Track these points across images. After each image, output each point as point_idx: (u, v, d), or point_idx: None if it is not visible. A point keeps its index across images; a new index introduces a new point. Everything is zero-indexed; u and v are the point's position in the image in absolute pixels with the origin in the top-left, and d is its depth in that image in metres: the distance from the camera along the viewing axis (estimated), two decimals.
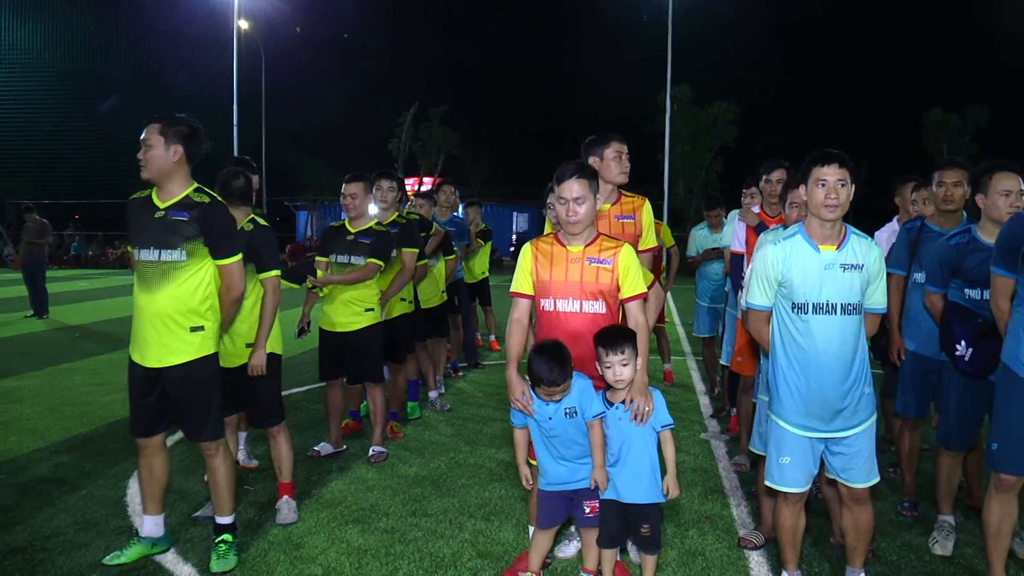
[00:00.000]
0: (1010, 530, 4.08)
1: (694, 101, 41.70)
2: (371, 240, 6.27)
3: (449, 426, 7.47)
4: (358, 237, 6.29)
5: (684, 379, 9.85)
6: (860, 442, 3.86)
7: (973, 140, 43.50)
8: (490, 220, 15.96)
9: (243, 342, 5.00)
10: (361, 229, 6.33)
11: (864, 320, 3.89)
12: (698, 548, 4.70)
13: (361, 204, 6.34)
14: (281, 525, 4.98)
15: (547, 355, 3.78)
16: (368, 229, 6.33)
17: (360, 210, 6.34)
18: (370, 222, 6.40)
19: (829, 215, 3.72)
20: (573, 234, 4.04)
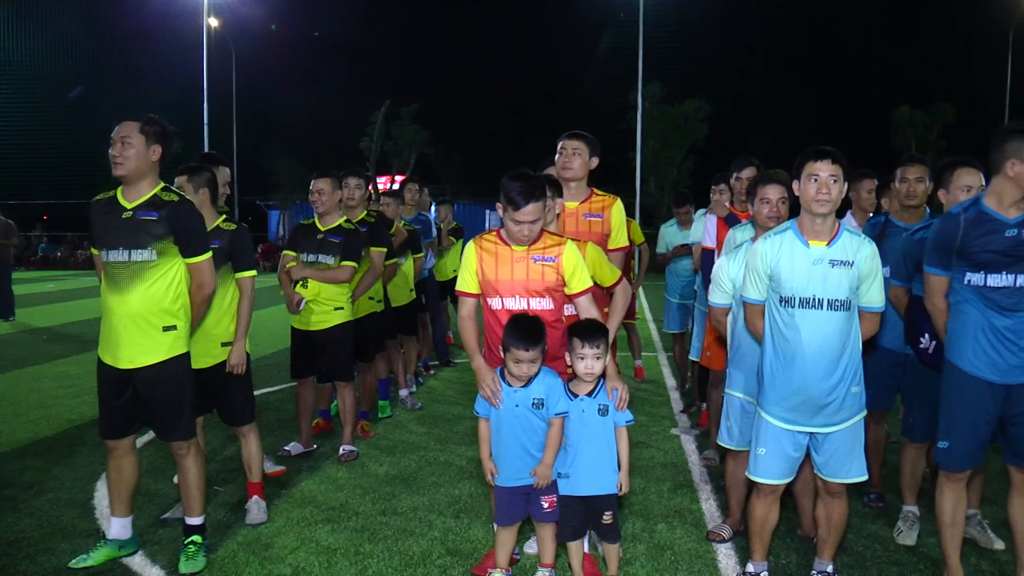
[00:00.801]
0: (963, 519, 4.16)
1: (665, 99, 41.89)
2: (341, 239, 6.26)
3: (420, 424, 7.47)
4: (328, 235, 6.27)
5: (655, 375, 9.91)
6: (842, 439, 3.91)
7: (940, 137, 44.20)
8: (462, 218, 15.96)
9: (218, 341, 4.97)
10: (331, 227, 6.31)
11: (861, 320, 3.93)
12: (667, 542, 4.74)
13: (329, 200, 6.31)
14: (251, 525, 4.96)
15: (524, 319, 3.89)
16: (338, 227, 6.32)
17: (329, 206, 6.31)
18: (339, 219, 6.37)
19: (820, 209, 3.76)
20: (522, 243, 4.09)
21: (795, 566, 4.42)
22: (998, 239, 3.87)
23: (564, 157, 4.91)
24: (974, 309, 3.95)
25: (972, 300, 3.95)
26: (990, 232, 3.89)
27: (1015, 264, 3.87)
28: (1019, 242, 3.85)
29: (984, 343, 3.91)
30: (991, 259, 3.88)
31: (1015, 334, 3.88)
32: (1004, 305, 3.89)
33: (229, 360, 4.95)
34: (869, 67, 52.46)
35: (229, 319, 5.00)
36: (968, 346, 3.96)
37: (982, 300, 3.92)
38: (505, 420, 3.97)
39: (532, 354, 3.83)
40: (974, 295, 3.95)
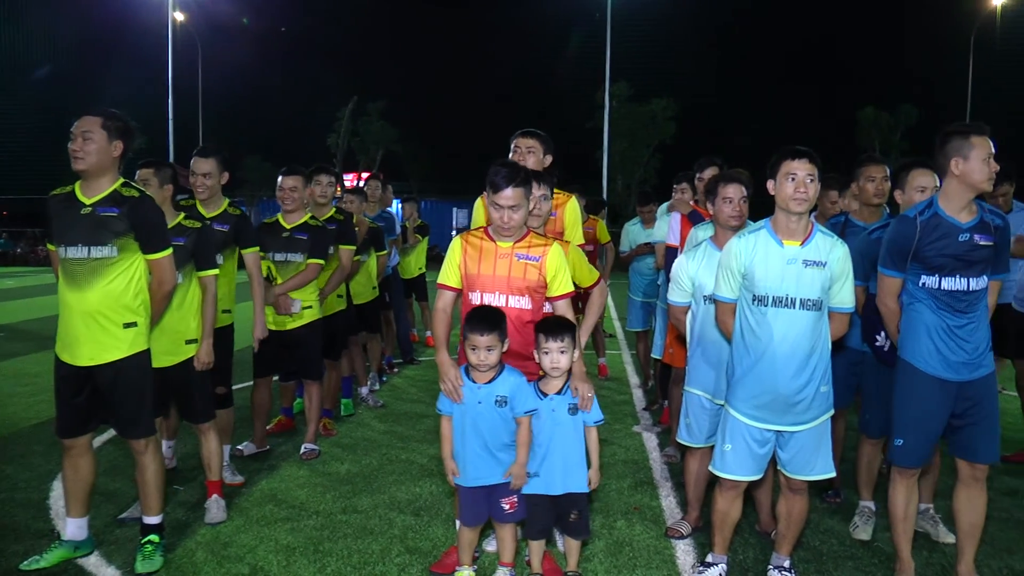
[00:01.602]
0: (915, 514, 4.24)
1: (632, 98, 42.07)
2: (308, 236, 6.23)
3: (382, 422, 7.45)
4: (294, 233, 6.23)
5: (618, 373, 9.96)
6: (809, 437, 3.96)
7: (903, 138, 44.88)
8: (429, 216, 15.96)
9: (183, 339, 4.92)
10: (296, 224, 6.27)
11: (831, 320, 3.97)
12: (626, 538, 4.77)
13: (300, 198, 6.28)
14: (210, 524, 4.92)
15: (484, 308, 3.94)
16: (304, 224, 6.28)
17: (297, 204, 6.27)
18: (304, 216, 6.33)
19: (797, 208, 3.81)
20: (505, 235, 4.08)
21: (752, 561, 4.47)
22: (952, 243, 3.93)
23: (518, 155, 4.94)
24: (928, 310, 4.01)
25: (926, 301, 4.02)
26: (944, 236, 3.95)
27: (968, 268, 3.93)
28: (972, 247, 3.92)
29: (937, 341, 3.98)
30: (945, 263, 3.94)
31: (967, 332, 3.96)
32: (957, 307, 3.96)
33: (198, 357, 4.91)
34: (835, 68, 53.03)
35: (194, 317, 4.96)
36: (922, 344, 4.03)
37: (936, 302, 3.99)
38: (468, 418, 3.97)
39: (487, 339, 3.83)
40: (928, 296, 4.01)
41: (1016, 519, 5.17)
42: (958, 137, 3.96)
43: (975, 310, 3.97)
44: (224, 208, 5.76)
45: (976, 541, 4.17)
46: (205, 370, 4.97)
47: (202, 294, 5.00)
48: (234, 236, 5.67)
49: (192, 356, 4.92)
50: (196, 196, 5.72)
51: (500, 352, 3.92)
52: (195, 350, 4.93)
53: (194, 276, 4.98)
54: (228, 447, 5.78)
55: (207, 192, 5.67)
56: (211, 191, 5.69)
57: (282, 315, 6.18)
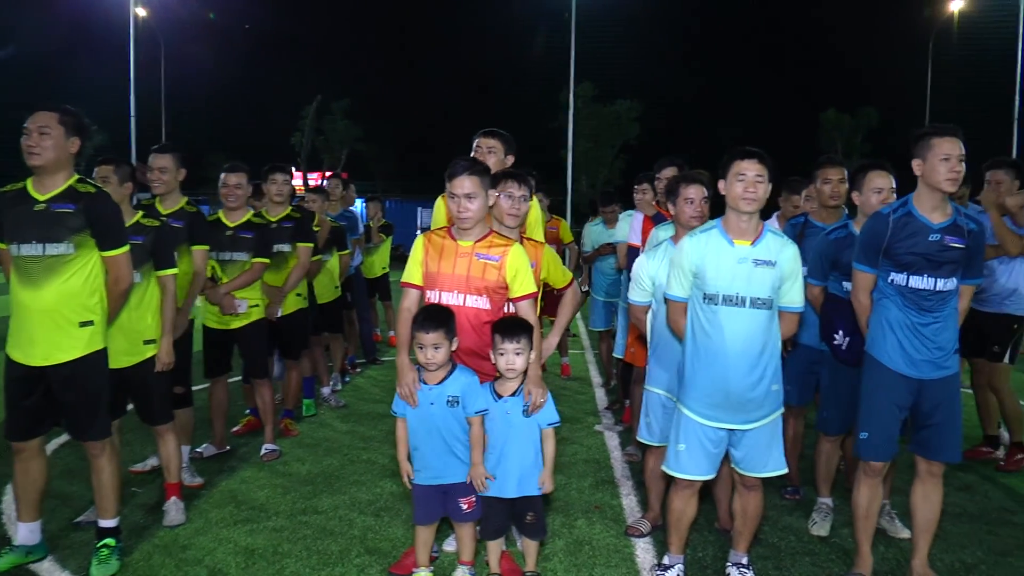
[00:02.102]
0: (877, 511, 4.30)
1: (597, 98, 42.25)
2: (252, 235, 6.17)
3: (344, 422, 7.41)
4: (238, 232, 6.16)
5: (581, 372, 9.98)
6: (760, 435, 3.99)
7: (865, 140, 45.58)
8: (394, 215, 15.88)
9: (141, 339, 4.84)
10: (240, 223, 6.20)
11: (781, 319, 4.01)
12: (586, 537, 4.79)
13: (244, 195, 6.23)
14: (168, 527, 4.87)
15: (432, 307, 3.96)
16: (247, 222, 6.22)
17: (241, 202, 6.22)
18: (247, 214, 6.27)
19: (747, 208, 3.84)
20: (464, 229, 4.07)
21: (711, 558, 4.51)
22: (921, 242, 4.00)
23: (479, 155, 4.95)
24: (895, 307, 4.07)
25: (894, 298, 4.08)
26: (914, 235, 4.01)
27: (937, 268, 3.99)
28: (942, 247, 3.98)
29: (902, 339, 4.04)
30: (914, 261, 4.00)
31: (932, 332, 4.02)
32: (924, 306, 4.02)
33: (159, 357, 4.86)
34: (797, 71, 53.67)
35: (152, 317, 4.90)
36: (887, 341, 4.09)
37: (903, 299, 4.05)
38: (422, 418, 3.97)
39: (433, 337, 3.83)
40: (896, 294, 4.07)
41: (970, 514, 5.26)
42: (921, 139, 4.05)
43: (942, 310, 4.03)
44: (181, 205, 5.71)
45: (931, 536, 4.24)
46: (164, 371, 4.91)
47: (161, 294, 4.94)
48: (187, 233, 5.62)
49: (150, 357, 4.85)
50: (153, 191, 5.71)
51: (448, 350, 3.91)
52: (154, 350, 4.86)
53: (153, 275, 4.92)
54: (187, 448, 5.72)
55: (163, 187, 5.64)
56: (167, 186, 5.65)
57: (228, 315, 6.13)
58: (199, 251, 5.66)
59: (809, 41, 54.55)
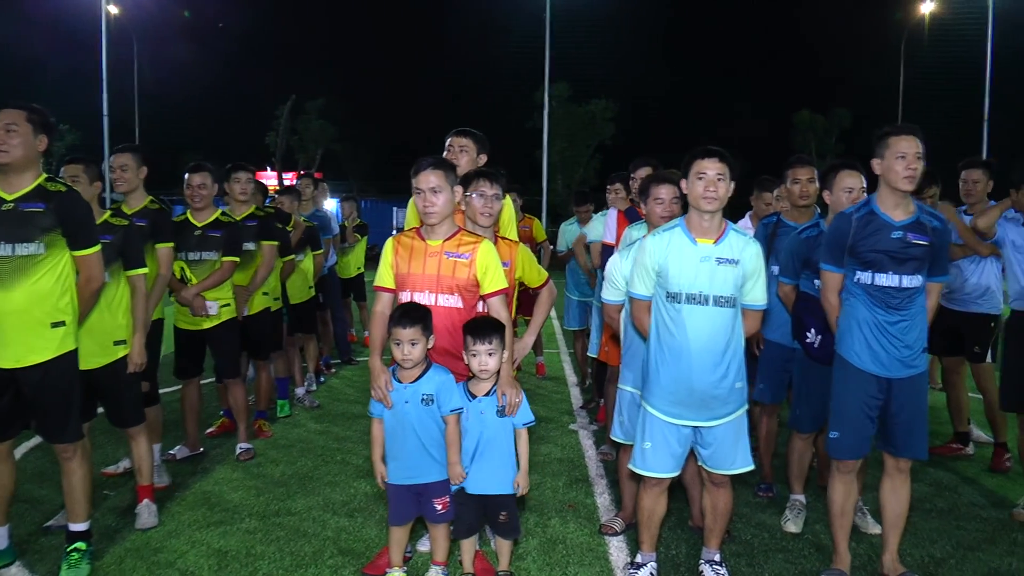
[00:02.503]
0: (852, 508, 4.33)
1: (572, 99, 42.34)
2: (221, 233, 6.16)
3: (318, 423, 7.39)
4: (206, 231, 6.15)
5: (556, 371, 10.01)
6: (726, 432, 4.01)
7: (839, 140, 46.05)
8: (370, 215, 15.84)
9: (111, 340, 4.79)
10: (208, 222, 6.19)
11: (744, 317, 4.03)
12: (559, 536, 4.80)
13: (209, 195, 6.20)
14: (140, 530, 4.83)
15: (408, 304, 3.96)
16: (216, 221, 6.21)
17: (206, 201, 6.19)
18: (215, 213, 6.26)
19: (707, 207, 3.86)
20: (431, 225, 4.08)
21: (684, 556, 4.53)
22: (884, 240, 4.04)
23: (451, 154, 4.95)
24: (862, 306, 4.11)
25: (861, 297, 4.12)
26: (876, 232, 4.06)
27: (901, 265, 4.03)
28: (905, 244, 4.02)
29: (870, 338, 4.08)
30: (878, 259, 4.05)
31: (899, 330, 4.05)
32: (891, 304, 4.05)
33: (131, 357, 4.82)
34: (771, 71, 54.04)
35: (123, 316, 4.85)
36: (855, 340, 4.13)
37: (870, 298, 4.09)
38: (397, 418, 3.97)
39: (410, 332, 3.83)
40: (863, 292, 4.11)
41: (939, 509, 5.33)
42: (880, 138, 4.11)
43: (909, 308, 4.07)
44: (145, 204, 5.68)
45: (900, 531, 4.28)
46: (136, 371, 4.86)
47: (132, 293, 4.90)
48: (151, 231, 5.59)
49: (121, 357, 4.81)
50: (116, 190, 5.70)
51: (425, 347, 3.91)
52: (124, 351, 4.82)
53: (122, 275, 4.88)
54: (157, 447, 5.69)
55: (125, 185, 5.61)
56: (129, 184, 5.62)
57: (199, 316, 6.09)
58: (163, 249, 5.63)
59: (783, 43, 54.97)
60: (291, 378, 7.95)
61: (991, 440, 6.66)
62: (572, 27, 36.28)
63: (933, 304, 4.24)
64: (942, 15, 39.40)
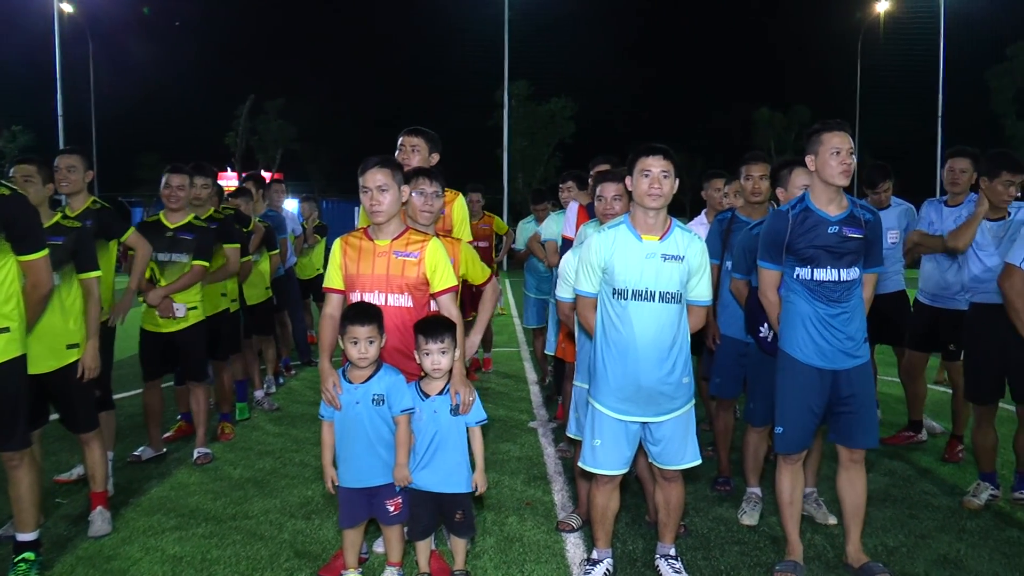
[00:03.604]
0: (800, 498, 4.39)
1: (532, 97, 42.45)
2: (193, 237, 6.12)
3: (276, 425, 7.35)
4: (178, 233, 6.10)
5: (516, 370, 10.02)
6: (675, 427, 4.03)
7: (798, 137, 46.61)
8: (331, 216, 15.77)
9: (64, 343, 4.71)
10: (180, 224, 6.15)
11: (690, 313, 4.06)
12: (516, 534, 4.81)
13: (186, 197, 6.16)
14: (93, 537, 4.75)
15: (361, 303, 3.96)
16: (188, 224, 6.17)
17: (183, 203, 6.15)
18: (188, 216, 6.22)
19: (652, 204, 3.88)
20: (378, 224, 4.07)
21: (641, 551, 4.55)
22: (821, 235, 4.10)
23: (403, 153, 4.95)
24: (803, 300, 4.16)
25: (801, 292, 4.17)
26: (813, 228, 4.12)
27: (838, 259, 4.09)
28: (841, 238, 4.08)
29: (812, 331, 4.13)
30: (815, 254, 4.10)
31: (841, 322, 4.11)
32: (831, 297, 4.11)
33: (83, 362, 4.74)
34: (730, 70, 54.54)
35: (75, 320, 4.77)
36: (798, 335, 4.18)
37: (810, 292, 4.14)
38: (348, 419, 3.96)
39: (367, 330, 3.83)
40: (802, 288, 4.16)
41: (893, 498, 5.41)
42: (812, 135, 4.19)
43: (848, 300, 4.13)
44: (87, 205, 5.62)
45: (860, 521, 4.35)
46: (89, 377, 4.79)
47: (84, 297, 4.82)
48: (99, 230, 5.53)
49: (74, 362, 4.73)
50: (60, 191, 5.58)
51: (379, 346, 3.91)
52: (77, 355, 4.74)
53: (74, 278, 4.80)
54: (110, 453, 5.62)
55: (70, 186, 5.55)
56: (74, 186, 5.56)
57: (166, 319, 6.02)
58: (131, 237, 5.66)
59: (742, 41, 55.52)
60: (249, 380, 7.88)
61: (944, 430, 6.77)
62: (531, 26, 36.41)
63: (869, 295, 4.31)
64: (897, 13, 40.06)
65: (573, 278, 4.71)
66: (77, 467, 5.75)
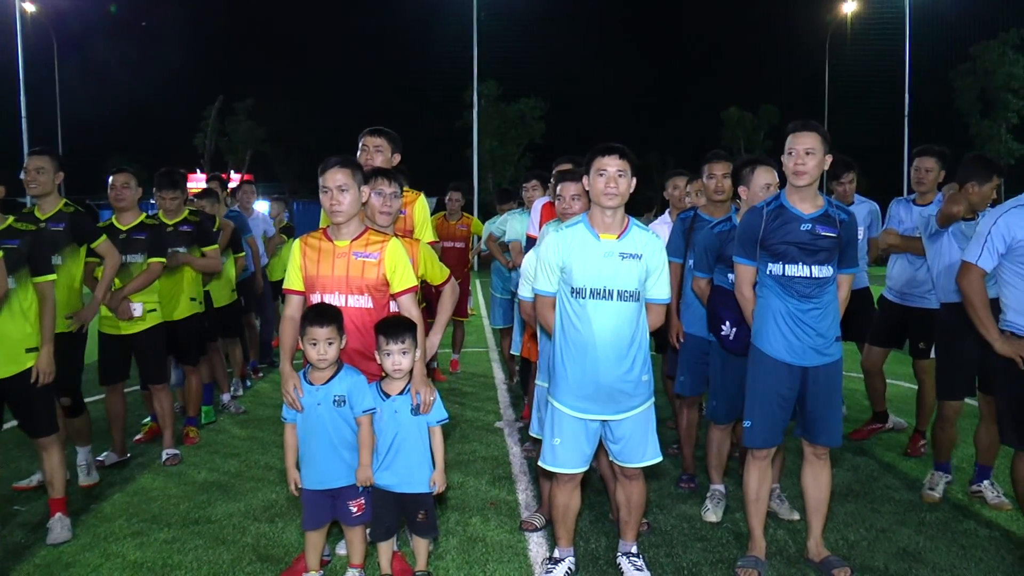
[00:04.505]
0: (767, 495, 4.43)
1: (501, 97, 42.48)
2: (146, 235, 6.06)
3: (242, 428, 7.29)
4: (131, 234, 6.04)
5: (484, 370, 10.02)
6: (635, 425, 4.05)
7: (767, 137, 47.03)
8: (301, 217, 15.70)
9: (22, 347, 4.65)
10: (132, 225, 6.09)
11: (648, 311, 4.08)
12: (479, 534, 4.81)
13: (132, 196, 6.10)
14: (52, 545, 4.68)
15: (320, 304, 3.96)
16: (140, 224, 6.11)
17: (130, 202, 6.09)
18: (140, 216, 6.16)
19: (608, 203, 3.90)
20: (338, 224, 4.06)
21: (604, 549, 4.57)
22: (793, 232, 4.14)
23: (366, 154, 4.94)
24: (775, 296, 4.20)
25: (773, 288, 4.21)
26: (786, 225, 4.16)
27: (811, 256, 4.14)
28: (813, 236, 4.13)
29: (783, 327, 4.17)
30: (787, 250, 4.14)
31: (811, 319, 4.15)
32: (803, 293, 4.15)
33: (37, 365, 4.67)
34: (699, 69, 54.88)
35: (33, 324, 4.72)
36: (769, 330, 4.22)
37: (782, 288, 4.18)
38: (309, 421, 3.94)
39: (326, 331, 3.82)
40: (775, 284, 4.20)
41: (855, 492, 5.47)
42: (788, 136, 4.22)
43: (821, 298, 4.17)
44: (59, 208, 5.58)
45: (823, 516, 4.40)
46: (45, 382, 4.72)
47: (39, 301, 4.76)
48: (72, 234, 5.49)
49: (32, 366, 4.67)
50: (29, 193, 5.55)
51: (339, 348, 3.90)
52: (35, 359, 4.69)
53: (29, 282, 4.73)
54: (87, 448, 5.68)
55: (40, 188, 5.48)
56: (44, 188, 5.50)
57: (123, 320, 5.97)
58: (101, 244, 5.63)
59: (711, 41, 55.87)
60: (215, 384, 7.82)
61: (907, 425, 6.84)
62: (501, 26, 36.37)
63: (844, 295, 4.35)
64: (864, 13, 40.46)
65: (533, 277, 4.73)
66: (36, 474, 5.68)
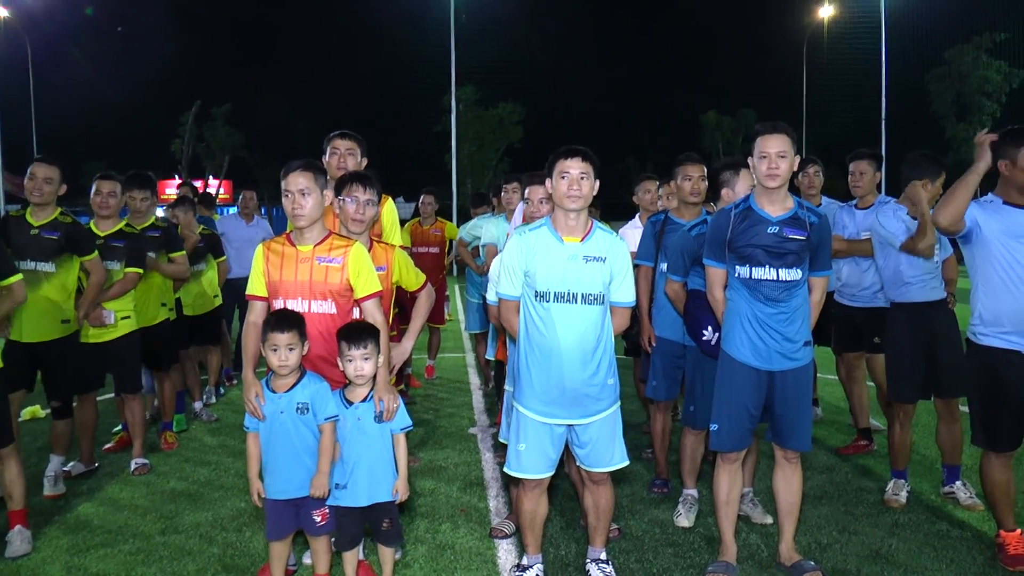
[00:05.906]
0: (737, 498, 4.40)
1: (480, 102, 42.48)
2: (124, 243, 6.03)
3: (214, 436, 7.21)
4: (109, 241, 6.01)
5: (459, 375, 9.98)
6: (601, 429, 4.01)
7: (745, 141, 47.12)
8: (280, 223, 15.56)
9: None
10: (111, 232, 6.06)
11: (613, 315, 4.05)
12: (448, 541, 4.76)
13: (117, 204, 6.10)
14: (11, 558, 4.58)
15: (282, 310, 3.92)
16: (119, 232, 6.09)
17: (114, 210, 6.08)
18: (120, 223, 6.14)
19: (571, 205, 3.87)
20: (300, 228, 4.01)
21: (574, 555, 4.52)
22: (760, 234, 4.12)
23: (338, 157, 4.89)
24: (742, 300, 4.18)
25: (741, 291, 4.19)
26: (753, 227, 4.14)
27: (779, 259, 4.11)
28: (781, 239, 4.10)
29: (749, 331, 4.15)
30: (754, 253, 4.12)
31: (778, 323, 4.12)
32: (769, 296, 4.12)
33: None
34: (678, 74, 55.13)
35: None
36: (736, 334, 4.19)
37: (749, 292, 4.15)
38: (273, 429, 3.88)
39: (287, 337, 3.78)
40: (742, 287, 4.18)
41: (828, 495, 5.46)
42: (752, 138, 4.22)
43: (789, 301, 4.14)
44: (55, 216, 5.57)
45: (795, 520, 4.38)
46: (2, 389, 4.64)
47: None
48: (67, 243, 5.50)
49: None
50: (31, 200, 5.54)
51: (300, 354, 3.85)
52: None
53: None
54: (61, 459, 5.67)
55: (43, 198, 5.50)
56: (47, 198, 5.52)
57: (96, 327, 5.89)
58: (90, 260, 5.64)
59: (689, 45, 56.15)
60: (187, 391, 7.73)
61: (880, 427, 6.83)
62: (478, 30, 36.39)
63: (817, 299, 4.32)
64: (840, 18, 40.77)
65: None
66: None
